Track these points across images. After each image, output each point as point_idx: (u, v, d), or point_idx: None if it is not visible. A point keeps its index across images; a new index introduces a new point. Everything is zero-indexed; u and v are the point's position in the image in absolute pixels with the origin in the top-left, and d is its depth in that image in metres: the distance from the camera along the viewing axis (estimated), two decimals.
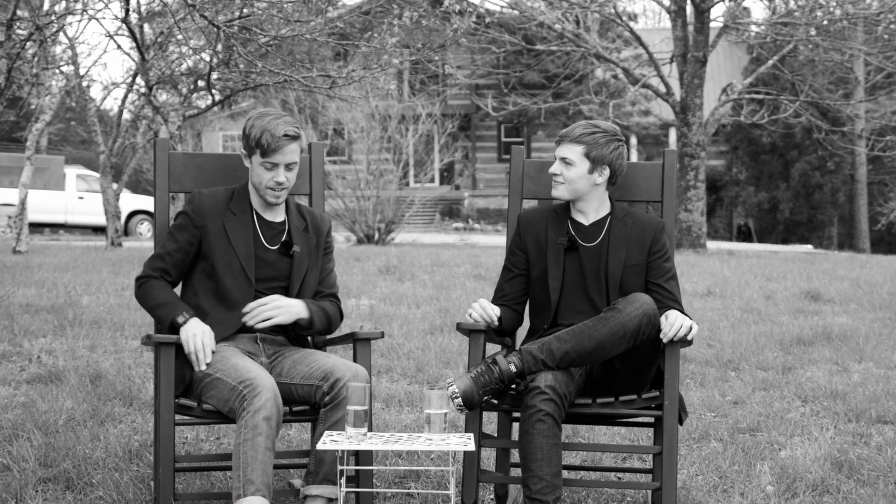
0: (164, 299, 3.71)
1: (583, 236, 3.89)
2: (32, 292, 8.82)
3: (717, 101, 19.35)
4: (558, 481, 3.53)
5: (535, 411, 3.52)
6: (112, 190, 15.41)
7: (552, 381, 3.54)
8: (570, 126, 3.91)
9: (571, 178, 3.84)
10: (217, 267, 3.75)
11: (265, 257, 3.81)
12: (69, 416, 4.92)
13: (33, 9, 10.28)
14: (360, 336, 3.78)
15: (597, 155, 3.82)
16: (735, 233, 31.56)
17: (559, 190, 3.88)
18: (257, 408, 3.44)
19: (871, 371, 6.40)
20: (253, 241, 3.79)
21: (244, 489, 3.38)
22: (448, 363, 6.30)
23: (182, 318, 3.65)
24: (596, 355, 3.60)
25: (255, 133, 3.71)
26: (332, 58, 18.77)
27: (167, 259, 3.78)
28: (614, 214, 3.91)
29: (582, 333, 3.59)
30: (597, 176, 3.85)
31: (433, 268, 11.92)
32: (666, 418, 3.69)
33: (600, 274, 3.84)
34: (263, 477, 3.40)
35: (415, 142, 21.83)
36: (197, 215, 3.77)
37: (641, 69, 20.42)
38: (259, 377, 3.50)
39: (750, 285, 10.75)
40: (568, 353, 3.58)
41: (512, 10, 19.13)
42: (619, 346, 3.59)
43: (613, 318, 3.58)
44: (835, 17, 18.31)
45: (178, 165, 4.02)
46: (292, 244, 3.83)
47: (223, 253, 3.76)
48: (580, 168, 3.84)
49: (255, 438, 3.42)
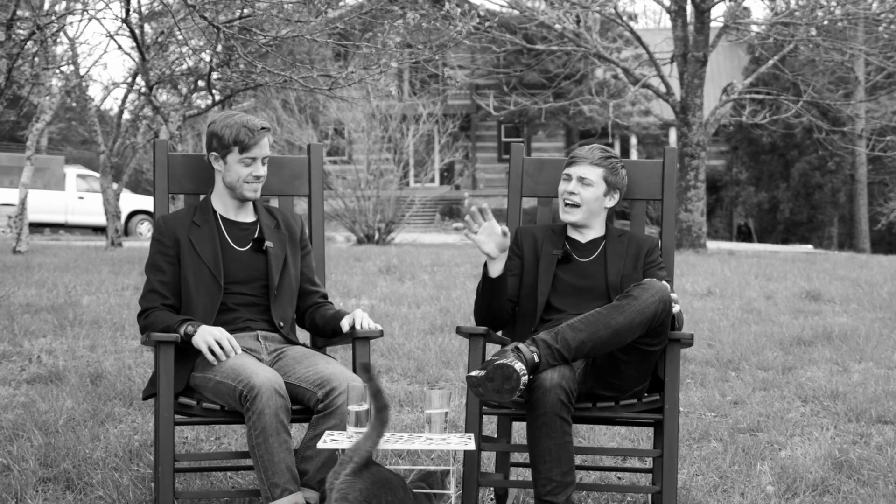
0: (171, 321, 3.70)
1: (579, 252, 3.95)
2: (32, 292, 8.82)
3: (717, 101, 19.35)
4: (570, 478, 3.51)
5: (542, 413, 3.48)
6: (112, 190, 15.41)
7: (558, 379, 3.49)
8: (584, 148, 3.97)
9: (588, 199, 3.91)
10: (187, 277, 3.77)
11: (238, 258, 3.82)
12: (69, 416, 4.92)
13: (34, 9, 10.28)
14: (360, 335, 3.78)
15: (613, 181, 3.94)
16: (735, 233, 31.56)
17: (574, 214, 3.93)
18: (260, 409, 3.45)
19: (871, 371, 6.40)
20: (220, 246, 3.81)
21: (272, 492, 3.44)
22: (448, 363, 6.30)
23: (192, 328, 3.64)
24: (611, 344, 3.55)
25: (230, 132, 3.74)
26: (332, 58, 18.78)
27: (160, 288, 3.79)
28: (610, 234, 3.99)
29: (597, 322, 3.55)
30: (608, 200, 3.95)
31: (433, 268, 11.92)
32: (666, 422, 3.67)
33: (600, 285, 3.86)
34: (286, 474, 3.45)
35: (415, 142, 21.83)
36: (166, 236, 3.80)
37: (641, 69, 20.41)
38: (256, 375, 3.50)
39: (750, 285, 10.75)
40: (584, 343, 3.53)
41: (512, 10, 19.12)
42: (634, 334, 3.55)
43: (630, 305, 3.55)
44: (835, 16, 18.31)
45: (177, 166, 4.01)
46: (264, 240, 3.85)
47: (192, 262, 3.78)
48: (598, 189, 3.92)
49: (268, 440, 3.45)
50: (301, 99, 21.00)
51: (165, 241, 3.80)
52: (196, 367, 3.70)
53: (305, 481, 3.58)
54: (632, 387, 3.73)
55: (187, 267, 3.77)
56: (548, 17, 18.19)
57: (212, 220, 3.84)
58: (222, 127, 3.76)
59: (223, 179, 3.83)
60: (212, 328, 3.64)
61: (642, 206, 4.15)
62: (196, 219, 3.83)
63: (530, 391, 3.52)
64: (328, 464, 3.56)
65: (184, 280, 3.78)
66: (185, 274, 3.78)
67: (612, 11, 19.07)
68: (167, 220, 3.85)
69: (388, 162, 20.46)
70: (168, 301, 3.78)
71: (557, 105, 22.36)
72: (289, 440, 3.49)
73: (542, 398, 3.48)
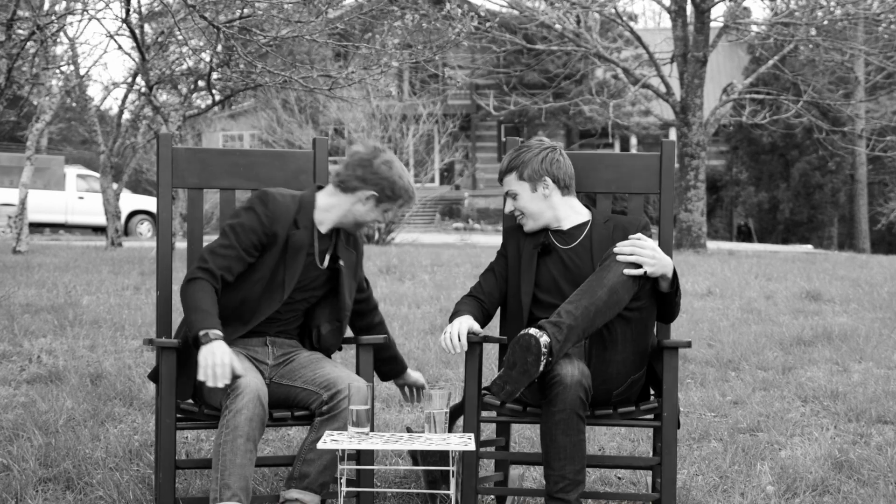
0: (204, 306, 3.54)
1: (562, 239, 3.87)
2: (32, 292, 8.82)
3: (717, 101, 19.35)
4: (581, 476, 3.50)
5: (560, 409, 3.46)
6: (112, 190, 15.41)
7: (578, 376, 3.46)
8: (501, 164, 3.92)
9: (524, 206, 3.87)
10: (260, 270, 3.69)
11: (314, 277, 3.80)
12: (69, 416, 4.92)
13: (34, 9, 10.28)
14: (363, 341, 3.78)
15: (530, 172, 3.84)
16: (735, 233, 31.57)
17: (527, 224, 3.89)
18: (239, 408, 3.41)
19: (871, 371, 6.40)
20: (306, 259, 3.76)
21: (221, 493, 3.36)
22: (448, 363, 6.30)
23: (208, 337, 3.46)
24: (611, 302, 3.50)
25: (403, 185, 3.76)
26: (332, 58, 18.78)
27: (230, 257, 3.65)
28: (595, 220, 3.90)
29: (591, 286, 3.52)
30: (542, 190, 3.85)
31: (433, 268, 11.92)
32: (665, 429, 3.64)
33: (587, 272, 3.76)
34: (241, 481, 3.37)
35: (415, 142, 21.85)
36: (269, 221, 3.69)
37: (642, 69, 20.42)
38: (245, 376, 3.47)
39: (750, 285, 10.75)
40: (588, 308, 3.48)
41: (512, 10, 19.13)
42: (629, 290, 3.52)
43: (614, 261, 3.55)
44: (835, 16, 18.31)
45: (181, 161, 3.98)
46: (339, 258, 3.83)
47: (275, 265, 3.71)
48: (524, 193, 3.85)
49: (236, 440, 3.39)
50: (301, 99, 21.02)
51: (267, 224, 3.68)
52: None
53: (307, 484, 3.56)
54: (629, 372, 3.66)
55: (266, 262, 3.70)
56: (548, 17, 18.19)
57: (310, 227, 3.77)
58: (398, 177, 3.76)
59: (356, 213, 3.78)
60: (223, 350, 3.44)
61: (640, 199, 4.10)
62: (299, 218, 3.74)
63: (549, 387, 3.48)
64: (330, 467, 3.55)
65: (254, 269, 3.71)
66: (258, 265, 3.70)
67: (612, 11, 19.07)
68: (278, 205, 3.71)
69: None
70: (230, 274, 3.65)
71: (557, 105, 22.37)
72: (254, 452, 3.42)
73: (562, 394, 3.45)
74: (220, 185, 4.02)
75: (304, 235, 3.73)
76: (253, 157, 4.07)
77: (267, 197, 3.71)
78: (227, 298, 3.68)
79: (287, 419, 3.67)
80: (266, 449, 4.66)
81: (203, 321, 3.49)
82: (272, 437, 4.84)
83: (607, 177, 4.07)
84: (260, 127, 24.05)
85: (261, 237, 3.67)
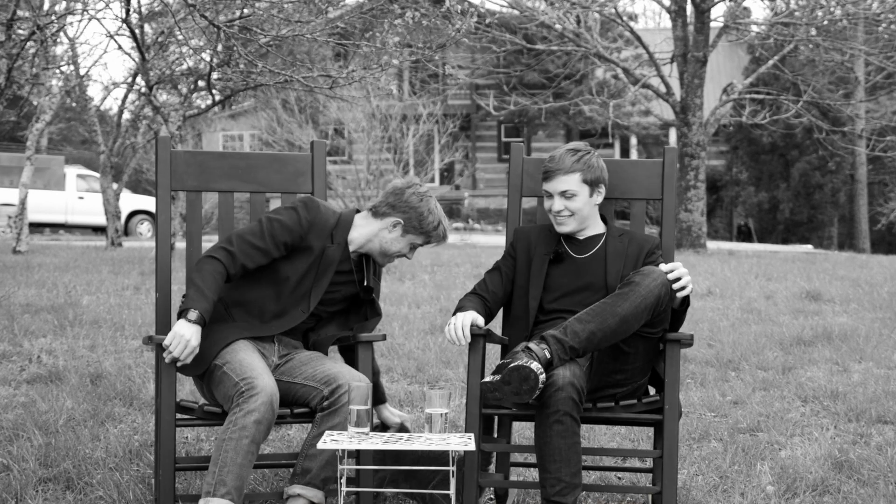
0: (205, 287, 3.56)
1: (576, 249, 3.90)
2: (32, 292, 8.82)
3: (717, 101, 19.34)
4: (578, 479, 3.50)
5: (553, 412, 3.47)
6: (112, 190, 15.41)
7: (570, 377, 3.48)
8: (554, 159, 3.88)
9: (579, 208, 3.87)
10: (286, 276, 3.72)
11: (338, 299, 3.85)
12: (69, 416, 4.92)
13: (34, 9, 10.28)
14: (363, 339, 3.78)
15: (592, 178, 3.87)
16: (735, 233, 31.54)
17: (569, 224, 3.89)
18: (251, 409, 3.43)
19: (871, 371, 6.40)
20: (334, 276, 3.79)
21: (215, 488, 3.38)
22: (448, 363, 6.30)
23: (191, 315, 3.50)
24: (620, 332, 3.54)
25: (432, 220, 3.82)
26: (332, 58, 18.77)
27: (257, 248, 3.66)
28: (610, 233, 3.94)
29: (604, 312, 3.54)
30: (596, 197, 3.91)
31: (433, 268, 11.92)
32: (666, 423, 3.67)
33: (598, 283, 3.81)
34: (237, 481, 3.39)
35: (415, 142, 21.82)
36: (307, 226, 3.74)
37: (642, 69, 20.40)
38: (260, 377, 3.49)
39: (750, 285, 10.75)
40: (594, 333, 3.51)
41: (512, 10, 19.12)
42: (640, 320, 3.55)
43: (633, 291, 3.55)
44: (835, 17, 18.30)
45: (180, 163, 3.99)
46: (371, 289, 3.88)
47: (304, 272, 3.74)
48: (583, 195, 3.87)
49: (241, 440, 3.41)
50: (301, 99, 20.99)
51: (304, 230, 3.73)
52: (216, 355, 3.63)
53: (310, 479, 3.58)
54: (635, 379, 3.72)
55: (296, 267, 3.73)
56: (548, 17, 18.18)
57: (344, 244, 3.81)
58: (428, 211, 3.81)
59: (382, 239, 3.84)
60: (196, 336, 3.50)
61: (642, 205, 4.13)
62: (336, 234, 3.79)
63: (542, 389, 3.49)
64: (332, 462, 3.57)
65: (281, 268, 3.74)
66: (286, 272, 3.73)
67: (612, 11, 19.05)
68: (319, 215, 3.77)
69: (388, 162, 20.46)
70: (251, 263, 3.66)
71: (557, 105, 22.34)
72: (255, 455, 3.45)
73: (554, 396, 3.46)
74: (218, 188, 4.02)
75: (337, 252, 3.78)
76: (251, 160, 4.08)
77: (312, 203, 3.77)
78: (248, 292, 3.72)
79: (287, 417, 3.68)
80: (266, 448, 4.66)
81: (197, 301, 3.53)
82: (272, 436, 4.84)
83: (610, 182, 4.08)
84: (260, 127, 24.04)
85: (294, 239, 3.71)
